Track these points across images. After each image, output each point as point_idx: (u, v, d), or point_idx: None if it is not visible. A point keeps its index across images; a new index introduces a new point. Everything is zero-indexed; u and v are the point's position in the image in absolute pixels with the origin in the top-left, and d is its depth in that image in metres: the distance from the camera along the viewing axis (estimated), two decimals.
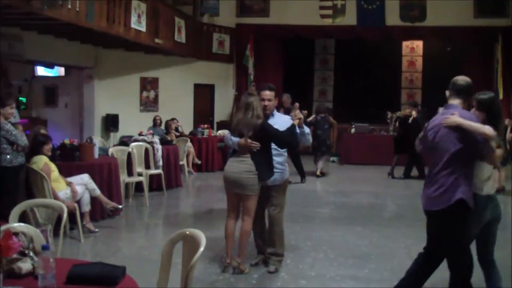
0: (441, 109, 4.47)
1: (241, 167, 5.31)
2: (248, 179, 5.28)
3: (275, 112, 5.72)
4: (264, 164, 5.34)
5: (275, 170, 5.45)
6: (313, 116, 12.99)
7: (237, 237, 5.59)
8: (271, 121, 5.48)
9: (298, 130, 5.42)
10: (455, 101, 4.13)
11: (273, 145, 5.45)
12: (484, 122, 4.04)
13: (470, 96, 4.22)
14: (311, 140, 5.68)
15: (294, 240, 6.79)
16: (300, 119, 5.42)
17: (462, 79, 4.19)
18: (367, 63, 18.79)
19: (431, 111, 16.05)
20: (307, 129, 5.57)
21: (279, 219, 5.65)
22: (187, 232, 3.27)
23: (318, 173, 12.86)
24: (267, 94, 5.57)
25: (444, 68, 17.64)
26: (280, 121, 5.51)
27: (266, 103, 5.53)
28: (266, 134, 5.29)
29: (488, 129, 3.87)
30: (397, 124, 13.49)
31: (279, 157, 5.56)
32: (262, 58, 17.54)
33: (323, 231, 7.59)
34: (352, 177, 13.41)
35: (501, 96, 14.93)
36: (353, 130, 16.17)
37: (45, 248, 2.63)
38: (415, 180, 12.53)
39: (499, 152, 4.04)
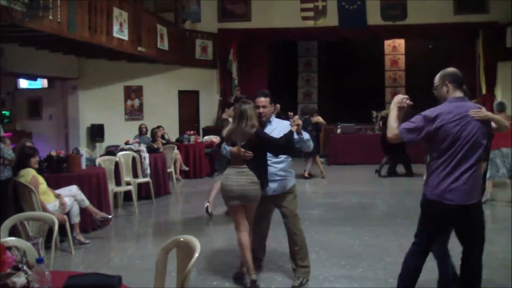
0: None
1: (243, 179, 5.11)
2: (254, 190, 5.12)
3: (273, 118, 5.50)
4: (261, 173, 5.21)
5: (275, 178, 5.30)
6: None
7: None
8: (268, 128, 5.32)
9: (296, 137, 5.14)
10: (461, 94, 4.10)
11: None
12: None
13: None
14: (312, 145, 5.38)
15: (286, 242, 6.76)
16: (298, 125, 5.12)
17: (458, 70, 4.18)
18: (350, 63, 18.92)
19: (415, 109, 16.29)
20: (306, 135, 5.27)
21: (295, 228, 5.44)
22: (181, 239, 3.26)
23: (306, 174, 12.90)
24: (262, 100, 5.35)
25: (426, 66, 17.83)
26: (280, 127, 5.32)
27: (261, 110, 5.31)
28: (261, 143, 5.13)
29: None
30: (381, 123, 13.55)
31: (280, 164, 5.36)
32: (245, 62, 17.59)
33: (314, 232, 7.60)
34: (341, 177, 13.45)
35: (484, 92, 15.09)
36: (339, 131, 16.24)
37: (39, 261, 2.61)
38: (401, 177, 12.64)
39: None
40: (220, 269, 5.85)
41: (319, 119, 13.02)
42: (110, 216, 7.84)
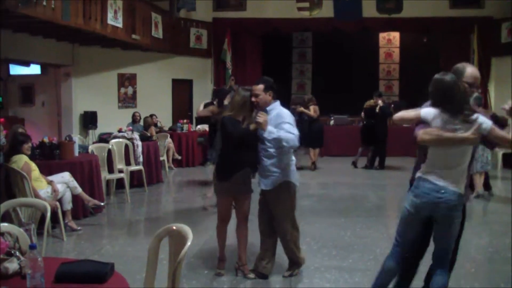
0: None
1: None
2: (213, 180, 5.31)
3: (274, 107, 4.99)
4: (220, 163, 5.16)
5: (266, 173, 5.00)
6: None
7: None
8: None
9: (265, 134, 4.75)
10: None
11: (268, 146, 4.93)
12: None
13: None
14: (291, 143, 4.73)
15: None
16: (258, 123, 4.73)
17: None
18: (344, 55, 18.89)
19: (409, 102, 16.31)
20: (273, 134, 4.72)
21: (280, 228, 5.16)
22: (174, 228, 3.27)
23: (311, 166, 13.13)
24: (255, 88, 4.97)
25: (420, 59, 17.89)
26: (274, 119, 4.88)
27: (253, 99, 4.97)
28: (221, 130, 5.06)
29: None
30: (362, 115, 13.54)
31: (270, 159, 4.96)
32: (240, 52, 17.58)
33: (305, 223, 7.62)
34: (332, 168, 13.51)
35: None
36: (332, 122, 16.28)
37: (32, 247, 2.62)
38: (393, 170, 12.71)
39: None
40: (211, 258, 5.85)
41: (302, 110, 12.97)
42: (102, 204, 7.86)
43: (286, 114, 4.94)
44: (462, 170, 3.77)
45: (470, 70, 3.91)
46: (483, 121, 3.67)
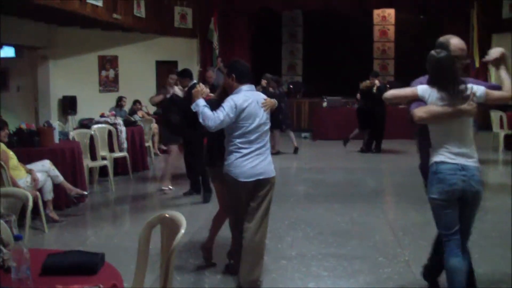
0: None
1: None
2: None
3: (239, 91, 4.66)
4: (207, 148, 5.40)
5: None
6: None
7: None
8: None
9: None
10: None
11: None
12: None
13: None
14: (206, 122, 4.46)
15: (270, 219, 6.75)
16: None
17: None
18: (337, 33, 18.86)
19: (404, 82, 16.35)
20: (199, 108, 4.55)
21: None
22: (167, 215, 3.25)
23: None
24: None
25: (417, 37, 17.89)
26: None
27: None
28: None
29: None
30: (358, 96, 13.50)
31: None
32: (227, 32, 17.47)
33: (300, 209, 7.67)
34: (326, 153, 13.52)
35: (477, 65, 15.14)
36: (325, 104, 16.24)
37: (18, 238, 2.59)
38: (389, 154, 12.75)
39: None
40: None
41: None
42: (85, 193, 7.82)
43: (230, 99, 4.60)
44: (470, 143, 3.81)
45: (455, 42, 3.98)
46: (476, 89, 3.75)
